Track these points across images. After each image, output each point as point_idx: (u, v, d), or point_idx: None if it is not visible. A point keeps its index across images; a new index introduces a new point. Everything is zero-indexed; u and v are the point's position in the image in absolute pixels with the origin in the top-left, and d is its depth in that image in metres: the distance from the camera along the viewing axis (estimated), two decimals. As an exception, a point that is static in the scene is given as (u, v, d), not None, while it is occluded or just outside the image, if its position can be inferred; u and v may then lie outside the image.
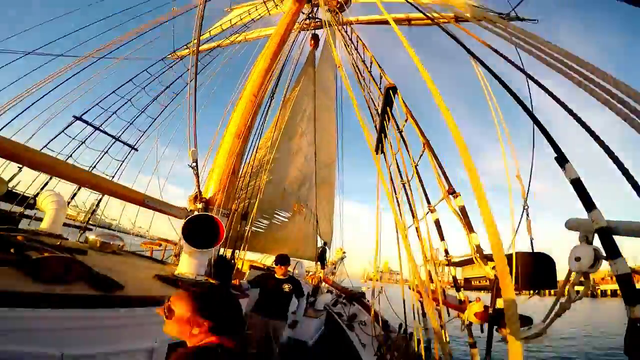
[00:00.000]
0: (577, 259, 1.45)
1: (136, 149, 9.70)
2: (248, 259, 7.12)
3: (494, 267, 1.81)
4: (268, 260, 7.95)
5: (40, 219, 4.90)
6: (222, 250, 4.68)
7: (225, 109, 6.48)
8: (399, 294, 5.06)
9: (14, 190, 7.70)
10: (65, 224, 6.20)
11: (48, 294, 1.49)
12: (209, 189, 4.10)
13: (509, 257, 1.78)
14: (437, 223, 2.36)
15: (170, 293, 2.19)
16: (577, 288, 1.46)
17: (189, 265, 2.44)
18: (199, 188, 3.25)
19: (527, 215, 2.09)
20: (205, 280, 2.46)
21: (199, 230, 2.43)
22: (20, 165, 8.33)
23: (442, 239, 2.27)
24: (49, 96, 8.77)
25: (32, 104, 8.32)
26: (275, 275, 4.44)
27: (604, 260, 1.31)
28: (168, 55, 11.35)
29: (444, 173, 2.38)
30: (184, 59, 11.11)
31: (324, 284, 9.72)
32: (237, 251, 5.22)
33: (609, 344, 13.48)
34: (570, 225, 1.48)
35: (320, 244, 10.24)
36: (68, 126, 8.55)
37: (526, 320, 1.69)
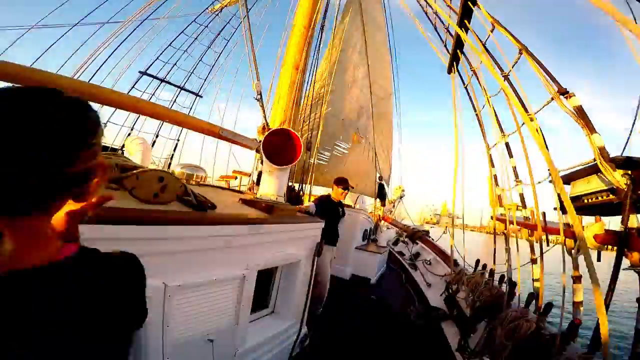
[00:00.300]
0: None
1: (201, 96, 10.29)
2: (313, 195, 7.29)
3: (624, 174, 1.50)
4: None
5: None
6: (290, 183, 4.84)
7: (278, 45, 6.28)
8: (461, 238, 4.77)
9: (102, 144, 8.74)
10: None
11: (147, 210, 1.43)
12: (274, 121, 4.16)
13: None
14: (537, 132, 2.03)
15: (256, 214, 2.26)
16: None
17: (269, 185, 2.49)
18: (265, 119, 3.24)
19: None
20: (285, 202, 2.55)
21: (276, 151, 2.44)
22: (105, 122, 9.43)
23: (546, 148, 1.96)
24: (113, 58, 9.30)
25: (100, 66, 8.92)
26: (333, 198, 4.25)
27: None
28: (209, 8, 11.21)
29: (549, 73, 2.00)
30: (228, 8, 10.91)
31: (382, 222, 9.69)
32: (304, 184, 5.34)
33: None
34: None
35: (378, 180, 10.10)
36: (137, 82, 9.32)
37: None
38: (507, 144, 2.51)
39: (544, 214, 2.14)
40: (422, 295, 5.14)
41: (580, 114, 1.69)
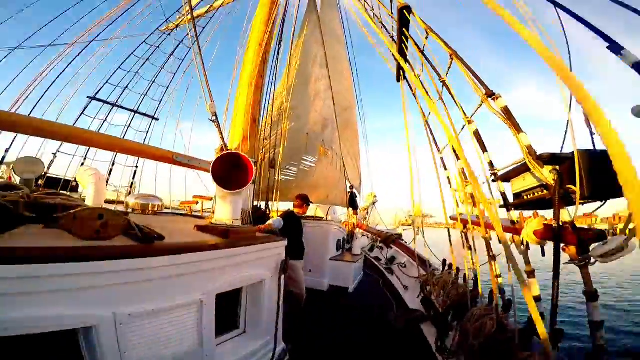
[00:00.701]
0: (655, 146, 1.22)
1: (157, 119, 9.92)
2: (282, 210, 7.27)
3: (552, 170, 1.59)
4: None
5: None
6: (256, 202, 4.78)
7: (234, 62, 6.23)
8: (434, 236, 4.88)
9: (54, 176, 8.20)
10: (107, 201, 6.57)
11: (87, 247, 1.46)
12: (233, 141, 4.10)
13: (570, 156, 1.54)
14: (476, 134, 2.14)
15: (212, 240, 2.26)
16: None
17: (224, 210, 2.46)
18: (223, 140, 3.18)
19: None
20: (243, 224, 2.50)
21: (229, 175, 2.40)
22: (54, 152, 8.88)
23: (484, 150, 2.06)
24: (59, 83, 8.81)
25: (44, 93, 8.41)
26: (297, 213, 4.42)
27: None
28: (163, 26, 11.06)
29: (477, 77, 2.12)
30: (182, 27, 10.83)
31: (357, 229, 9.79)
32: (270, 202, 5.29)
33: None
34: (638, 111, 1.23)
35: (349, 189, 10.21)
36: (85, 107, 8.85)
37: (599, 235, 1.46)
38: (453, 147, 2.60)
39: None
40: (400, 299, 5.20)
41: (507, 114, 1.79)
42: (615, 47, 1.31)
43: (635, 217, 0.88)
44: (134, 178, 9.47)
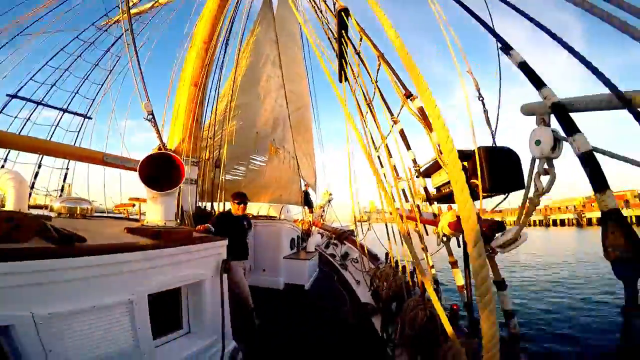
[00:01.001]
0: (537, 143, 1.37)
1: (89, 117, 9.18)
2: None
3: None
4: (253, 209, 7.82)
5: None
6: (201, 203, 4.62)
7: (177, 60, 5.94)
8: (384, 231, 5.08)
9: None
10: (34, 207, 5.93)
11: None
12: (173, 141, 3.93)
13: (472, 153, 1.70)
14: (402, 133, 2.29)
15: (139, 241, 2.19)
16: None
17: (155, 211, 2.38)
18: (161, 140, 3.06)
19: (484, 105, 1.98)
20: (177, 225, 2.43)
21: (161, 175, 2.32)
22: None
23: (408, 148, 2.22)
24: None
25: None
26: (234, 213, 4.21)
27: (564, 144, 1.18)
28: (102, 22, 10.27)
29: (399, 79, 2.27)
30: (123, 23, 10.10)
31: (314, 227, 9.90)
32: (216, 203, 5.14)
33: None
34: (526, 109, 1.37)
35: (303, 188, 10.21)
36: (5, 106, 7.93)
37: (499, 226, 1.52)
38: (386, 145, 2.76)
39: (418, 207, 2.39)
40: (353, 293, 5.35)
41: (422, 114, 1.95)
42: (505, 48, 1.43)
43: (463, 221, 0.97)
44: (64, 181, 8.65)
